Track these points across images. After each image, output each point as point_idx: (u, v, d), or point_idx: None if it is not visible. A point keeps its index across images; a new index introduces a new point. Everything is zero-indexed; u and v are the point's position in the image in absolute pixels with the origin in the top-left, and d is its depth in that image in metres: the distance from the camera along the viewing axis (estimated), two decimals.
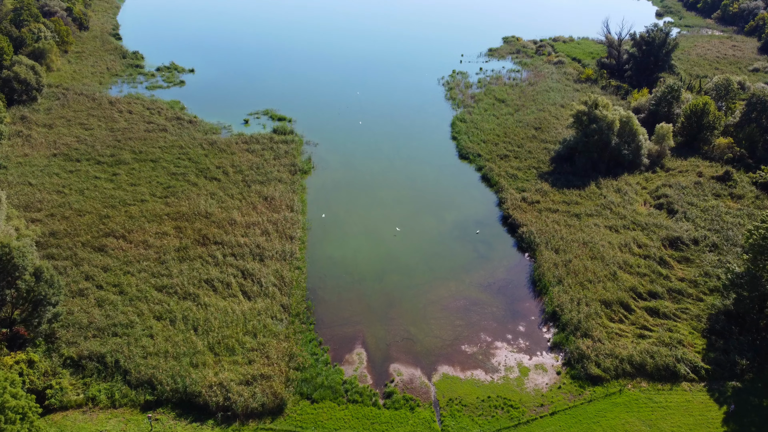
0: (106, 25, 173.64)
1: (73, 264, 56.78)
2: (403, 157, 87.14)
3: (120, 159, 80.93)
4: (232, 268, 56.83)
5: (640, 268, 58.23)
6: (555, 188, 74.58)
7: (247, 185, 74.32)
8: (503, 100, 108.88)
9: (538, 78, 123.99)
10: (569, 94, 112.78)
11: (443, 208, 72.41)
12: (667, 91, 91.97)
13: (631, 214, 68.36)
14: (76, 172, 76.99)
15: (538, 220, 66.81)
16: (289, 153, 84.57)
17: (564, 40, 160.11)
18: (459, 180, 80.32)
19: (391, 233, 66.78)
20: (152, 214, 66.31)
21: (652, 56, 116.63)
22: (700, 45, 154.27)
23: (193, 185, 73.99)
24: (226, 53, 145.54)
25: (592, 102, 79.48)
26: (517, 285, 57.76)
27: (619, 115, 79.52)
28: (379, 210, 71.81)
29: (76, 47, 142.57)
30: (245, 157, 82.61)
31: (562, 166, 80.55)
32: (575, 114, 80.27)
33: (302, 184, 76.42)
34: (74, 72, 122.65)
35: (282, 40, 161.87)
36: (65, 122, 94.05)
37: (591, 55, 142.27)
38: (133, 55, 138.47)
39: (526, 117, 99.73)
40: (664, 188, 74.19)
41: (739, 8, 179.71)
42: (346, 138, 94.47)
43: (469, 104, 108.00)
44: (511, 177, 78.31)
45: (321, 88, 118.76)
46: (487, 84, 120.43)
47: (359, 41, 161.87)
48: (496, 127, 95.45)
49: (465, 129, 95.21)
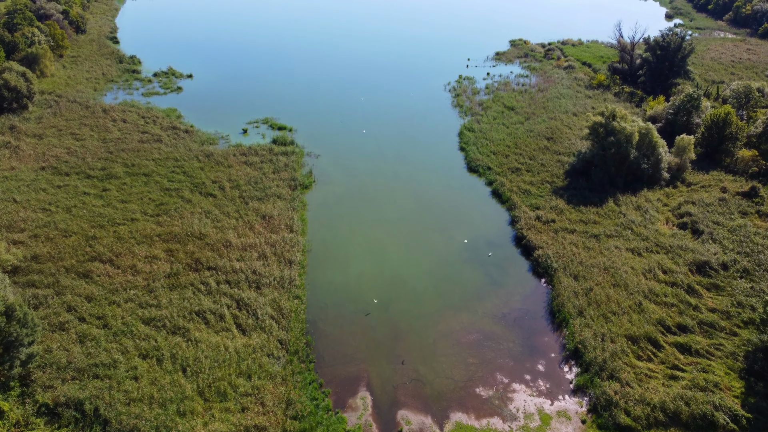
0: (104, 28, 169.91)
1: (54, 293, 52.62)
2: (409, 169, 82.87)
3: (111, 173, 76.80)
4: (226, 298, 52.59)
5: (667, 297, 53.82)
6: (571, 205, 70.18)
7: (245, 202, 70.12)
8: (512, 108, 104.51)
9: (547, 83, 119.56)
10: (581, 101, 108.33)
11: (452, 226, 68.09)
12: (686, 100, 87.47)
13: (654, 234, 63.93)
14: (65, 187, 72.88)
15: (554, 242, 62.43)
16: (290, 166, 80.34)
17: (573, 43, 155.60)
18: (468, 195, 75.99)
19: (396, 254, 62.46)
20: (142, 235, 62.14)
21: (666, 61, 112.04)
22: (714, 48, 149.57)
23: (187, 202, 69.82)
24: (226, 57, 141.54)
25: (610, 113, 75.04)
26: (534, 316, 53.40)
27: (638, 126, 75.08)
28: (383, 228, 67.55)
29: (72, 51, 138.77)
30: (243, 171, 78.42)
31: (578, 181, 76.17)
32: (591, 126, 75.84)
33: (303, 200, 72.18)
34: (68, 78, 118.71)
35: (283, 45, 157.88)
36: (56, 132, 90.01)
37: (601, 59, 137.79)
38: (130, 60, 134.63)
39: (537, 126, 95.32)
40: (687, 205, 69.75)
41: (752, 10, 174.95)
42: (348, 148, 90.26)
43: (477, 112, 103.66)
44: (524, 192, 73.95)
45: (323, 94, 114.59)
46: (495, 90, 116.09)
47: (362, 45, 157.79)
48: (506, 137, 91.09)
49: (473, 139, 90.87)
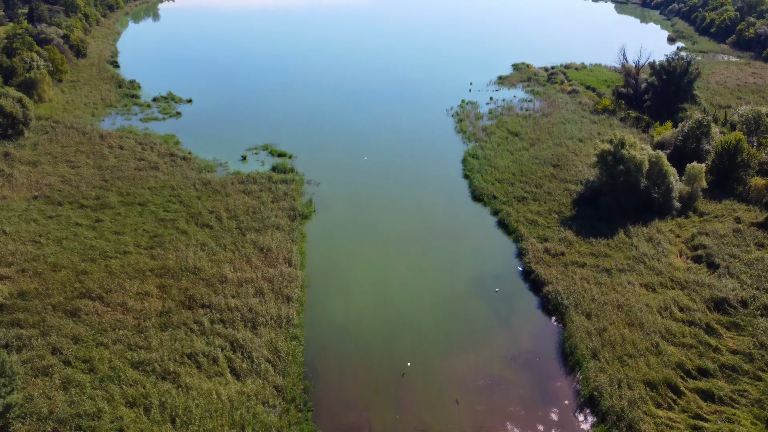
0: (105, 52, 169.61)
1: (40, 333, 49.95)
2: (412, 197, 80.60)
3: (105, 202, 74.57)
4: (220, 338, 49.87)
5: (685, 337, 51.01)
6: (580, 237, 67.67)
7: (242, 233, 67.71)
8: (517, 133, 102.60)
9: (552, 108, 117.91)
10: (586, 126, 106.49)
11: (457, 259, 65.54)
12: (695, 127, 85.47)
13: (668, 268, 61.29)
14: (57, 217, 70.58)
15: (564, 277, 59.79)
16: (289, 194, 78.10)
17: (576, 67, 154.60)
18: (473, 225, 73.55)
19: (399, 289, 59.81)
20: (135, 270, 59.62)
21: (672, 86, 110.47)
22: (719, 72, 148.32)
23: (183, 233, 67.42)
24: (227, 82, 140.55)
25: (618, 141, 72.92)
26: (546, 357, 50.56)
27: (648, 154, 72.91)
28: (386, 261, 65.03)
29: (71, 75, 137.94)
30: (241, 200, 76.17)
31: (586, 210, 73.77)
32: (599, 154, 73.70)
33: (302, 231, 69.77)
34: (67, 103, 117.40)
35: (285, 69, 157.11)
36: (51, 159, 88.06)
37: (605, 83, 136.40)
38: (129, 84, 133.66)
39: (542, 153, 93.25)
40: (701, 237, 67.21)
41: (755, 33, 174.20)
42: (350, 175, 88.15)
43: (481, 138, 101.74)
44: (531, 223, 71.51)
45: (324, 119, 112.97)
46: (499, 115, 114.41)
47: (363, 69, 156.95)
48: (511, 165, 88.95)
49: (478, 166, 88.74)
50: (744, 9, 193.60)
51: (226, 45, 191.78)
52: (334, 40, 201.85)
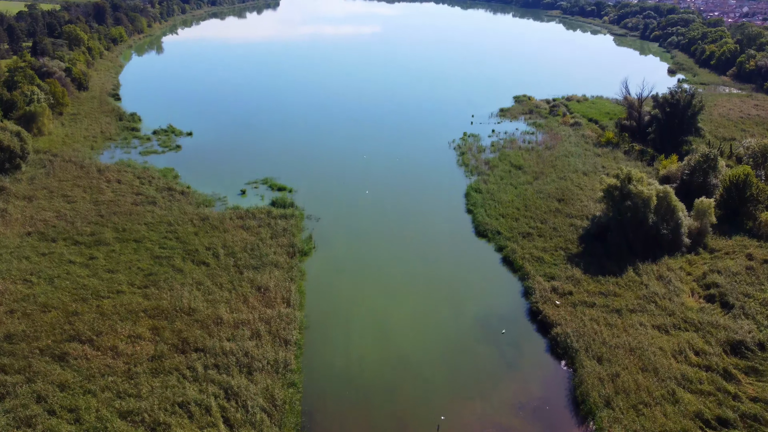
0: (107, 84, 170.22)
1: (25, 380, 47.63)
2: (414, 233, 78.78)
3: (100, 238, 72.78)
4: (213, 386, 47.46)
5: (702, 384, 48.54)
6: (588, 275, 65.57)
7: (239, 272, 65.70)
8: (520, 167, 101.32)
9: (554, 141, 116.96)
10: (590, 159, 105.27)
11: (462, 298, 63.40)
12: (702, 160, 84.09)
13: (680, 309, 59.05)
14: (50, 255, 68.69)
15: (573, 318, 57.53)
16: (288, 230, 76.31)
17: (578, 99, 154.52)
18: (478, 263, 71.55)
19: (401, 331, 57.53)
20: (127, 310, 57.48)
21: (676, 118, 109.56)
22: (721, 104, 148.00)
23: (178, 272, 65.42)
24: (228, 115, 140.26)
25: (625, 176, 71.43)
26: (556, 405, 48.04)
27: (656, 189, 71.28)
28: (387, 301, 62.86)
29: (72, 108, 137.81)
30: (239, 236, 74.37)
31: (593, 247, 71.81)
32: (606, 189, 72.12)
33: (301, 269, 67.74)
34: (66, 136, 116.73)
35: (286, 102, 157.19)
36: (47, 194, 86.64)
37: (608, 116, 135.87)
38: (130, 117, 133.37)
39: (546, 187, 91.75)
40: (713, 275, 65.10)
41: (756, 65, 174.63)
42: (351, 210, 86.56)
43: (484, 171, 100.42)
44: (537, 260, 69.50)
45: (325, 153, 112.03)
46: (501, 148, 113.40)
47: (364, 103, 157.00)
48: (515, 199, 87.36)
49: (481, 201, 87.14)
50: (743, 41, 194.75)
51: (228, 77, 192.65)
52: (335, 73, 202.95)
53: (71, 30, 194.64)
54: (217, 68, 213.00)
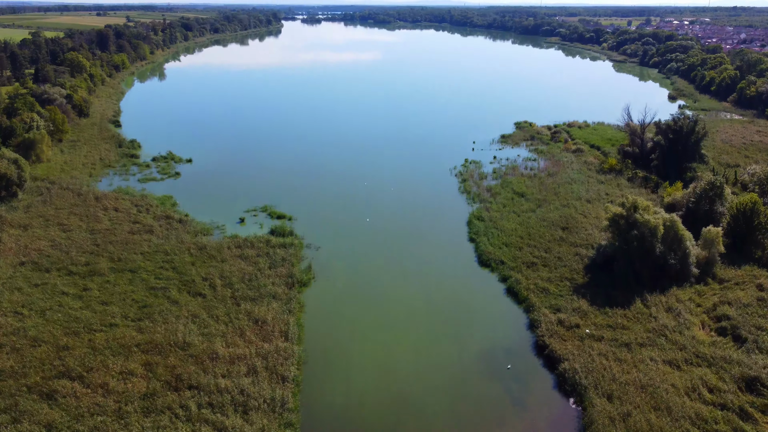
0: (108, 111, 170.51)
1: (11, 419, 45.63)
2: (416, 262, 77.15)
3: (95, 269, 71.19)
4: (207, 426, 45.39)
5: (718, 424, 46.39)
6: (595, 307, 63.72)
7: (236, 303, 63.95)
8: (522, 194, 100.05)
9: (557, 168, 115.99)
10: (593, 186, 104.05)
11: (465, 331, 61.48)
12: (708, 188, 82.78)
13: (691, 342, 57.09)
14: (43, 285, 67.08)
15: (581, 353, 55.55)
16: (287, 260, 74.72)
17: (579, 125, 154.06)
18: (481, 294, 69.77)
19: (403, 366, 55.56)
20: (120, 345, 55.61)
21: (679, 145, 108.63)
22: (723, 130, 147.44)
23: (174, 303, 63.68)
24: (228, 141, 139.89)
25: (631, 204, 70.05)
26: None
27: (662, 218, 69.82)
28: (389, 334, 60.97)
29: (72, 135, 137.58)
30: (237, 266, 72.76)
31: (599, 277, 70.07)
32: (611, 218, 70.65)
33: (300, 300, 65.97)
34: (65, 163, 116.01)
35: (286, 129, 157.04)
36: (43, 222, 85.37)
37: (610, 142, 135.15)
38: (129, 144, 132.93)
39: (549, 214, 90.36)
40: (723, 306, 63.22)
41: (756, 92, 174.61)
42: (351, 238, 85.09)
43: (486, 198, 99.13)
44: (542, 291, 67.71)
45: (326, 179, 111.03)
46: (503, 175, 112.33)
47: (365, 129, 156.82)
48: (518, 227, 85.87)
49: (483, 229, 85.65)
50: (743, 68, 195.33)
51: (229, 103, 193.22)
52: (336, 99, 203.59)
53: (73, 57, 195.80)
54: (219, 94, 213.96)
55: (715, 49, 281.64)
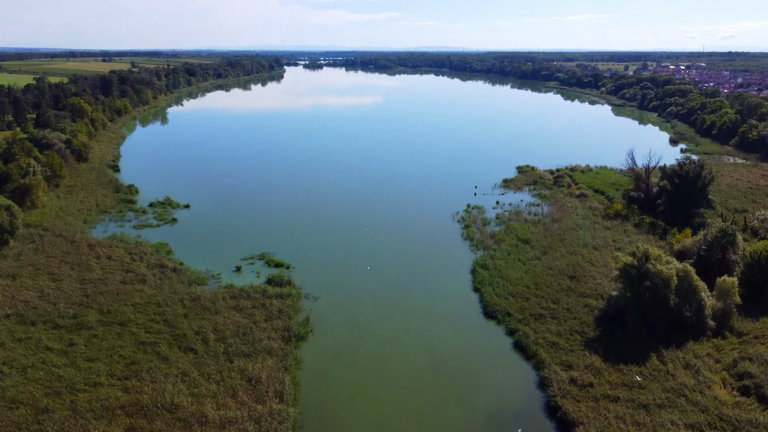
0: (107, 156, 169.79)
1: None
2: (418, 314, 73.90)
3: (83, 321, 68.01)
4: None
5: None
6: (609, 363, 60.24)
7: (229, 359, 60.54)
8: (527, 241, 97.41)
9: (561, 213, 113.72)
10: (600, 233, 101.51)
11: (471, 391, 57.86)
12: (720, 236, 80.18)
13: (713, 403, 53.45)
14: (26, 340, 63.81)
15: (596, 415, 51.88)
16: (284, 312, 71.54)
17: (582, 169, 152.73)
18: (487, 348, 66.32)
19: (407, 430, 51.83)
20: (103, 407, 52.04)
21: (686, 190, 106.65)
22: (728, 174, 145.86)
23: (163, 360, 60.29)
24: (227, 186, 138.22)
25: (642, 254, 67.35)
26: None
27: (675, 268, 66.99)
28: (390, 394, 57.37)
29: (69, 180, 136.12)
30: (232, 318, 69.57)
31: (611, 330, 66.77)
32: (622, 268, 67.81)
33: (296, 356, 62.51)
34: (60, 209, 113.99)
35: (285, 173, 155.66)
36: (32, 271, 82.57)
37: (614, 187, 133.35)
38: (127, 189, 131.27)
39: (556, 262, 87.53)
40: (744, 363, 59.71)
41: (759, 135, 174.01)
42: (351, 288, 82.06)
43: (490, 245, 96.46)
44: (552, 346, 64.29)
45: (325, 225, 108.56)
46: (507, 220, 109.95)
47: (365, 174, 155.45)
48: (524, 276, 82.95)
49: (488, 278, 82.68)
50: (744, 111, 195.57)
51: (229, 148, 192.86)
52: (336, 144, 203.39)
53: (75, 102, 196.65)
54: (220, 138, 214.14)
55: (714, 93, 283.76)
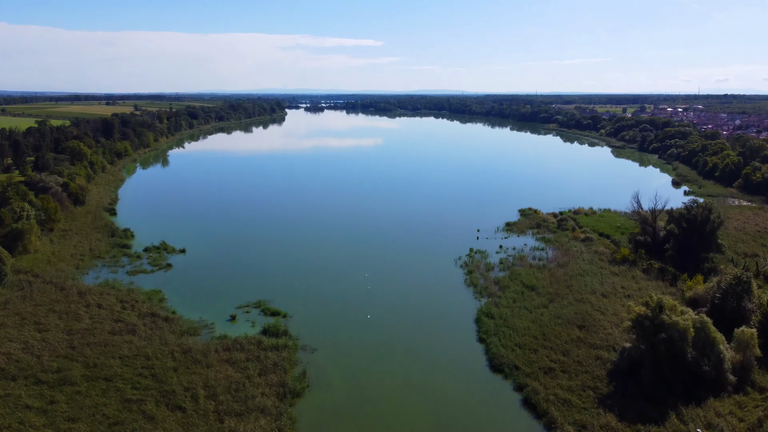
0: (104, 199, 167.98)
1: None
2: (421, 367, 70.09)
3: (66, 376, 64.31)
4: None
5: None
6: (625, 423, 56.31)
7: (219, 419, 56.68)
8: (533, 287, 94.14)
9: (566, 257, 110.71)
10: (607, 278, 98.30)
11: None
12: (735, 283, 77.05)
13: None
14: (5, 398, 60.03)
15: None
16: (280, 365, 67.83)
17: (585, 212, 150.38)
18: (494, 405, 62.40)
19: None
20: None
21: (694, 234, 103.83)
22: (734, 217, 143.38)
23: (149, 420, 56.43)
24: (225, 231, 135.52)
25: (656, 304, 64.11)
26: None
27: (691, 320, 63.65)
28: None
29: (64, 224, 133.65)
30: (224, 372, 65.85)
31: (626, 386, 62.98)
32: (635, 319, 64.49)
33: (291, 415, 58.59)
34: (52, 254, 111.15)
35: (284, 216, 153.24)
36: (18, 321, 79.19)
37: (619, 230, 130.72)
38: (122, 233, 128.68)
39: (563, 310, 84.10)
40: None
41: (762, 177, 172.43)
42: (350, 338, 78.42)
43: (494, 292, 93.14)
44: (563, 403, 60.41)
45: (324, 271, 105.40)
46: (511, 265, 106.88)
47: (364, 216, 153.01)
48: (531, 325, 79.39)
49: (494, 328, 79.12)
50: (746, 154, 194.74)
51: (228, 191, 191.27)
52: (336, 187, 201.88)
53: (75, 145, 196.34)
54: (218, 182, 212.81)
55: (713, 135, 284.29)
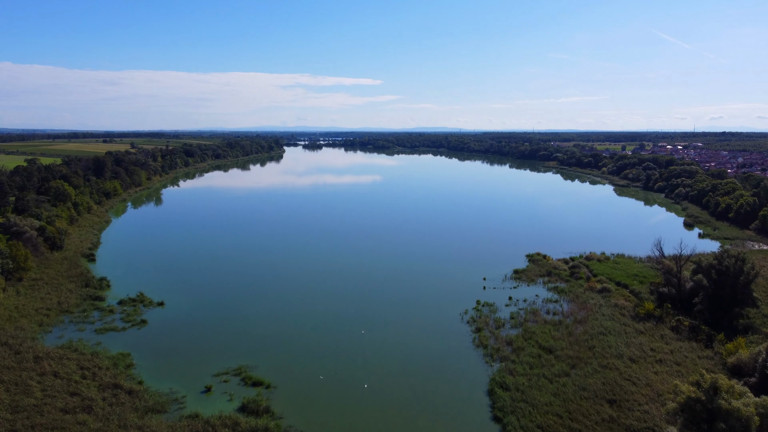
0: (85, 243, 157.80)
1: None
2: None
3: None
4: None
5: None
6: None
7: None
8: (550, 349, 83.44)
9: (584, 312, 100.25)
10: (633, 338, 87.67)
11: None
12: None
13: None
14: None
15: None
16: None
17: (598, 258, 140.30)
18: None
19: None
20: None
21: (727, 288, 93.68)
22: (758, 263, 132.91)
23: None
24: (208, 281, 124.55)
25: (709, 385, 53.50)
26: None
27: (753, 404, 52.95)
28: None
29: (36, 272, 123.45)
30: None
31: None
32: (684, 402, 53.78)
33: None
34: (15, 308, 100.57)
35: (273, 266, 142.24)
36: None
37: (637, 279, 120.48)
38: (98, 283, 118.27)
39: (588, 380, 73.25)
40: None
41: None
42: (344, 413, 67.33)
43: (507, 355, 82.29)
44: None
45: (314, 330, 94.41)
46: (523, 321, 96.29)
47: (360, 266, 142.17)
48: (553, 399, 68.41)
49: (510, 403, 68.04)
50: (761, 194, 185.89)
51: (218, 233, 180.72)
52: (331, 231, 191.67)
53: (58, 185, 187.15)
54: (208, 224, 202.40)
55: (720, 174, 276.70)
